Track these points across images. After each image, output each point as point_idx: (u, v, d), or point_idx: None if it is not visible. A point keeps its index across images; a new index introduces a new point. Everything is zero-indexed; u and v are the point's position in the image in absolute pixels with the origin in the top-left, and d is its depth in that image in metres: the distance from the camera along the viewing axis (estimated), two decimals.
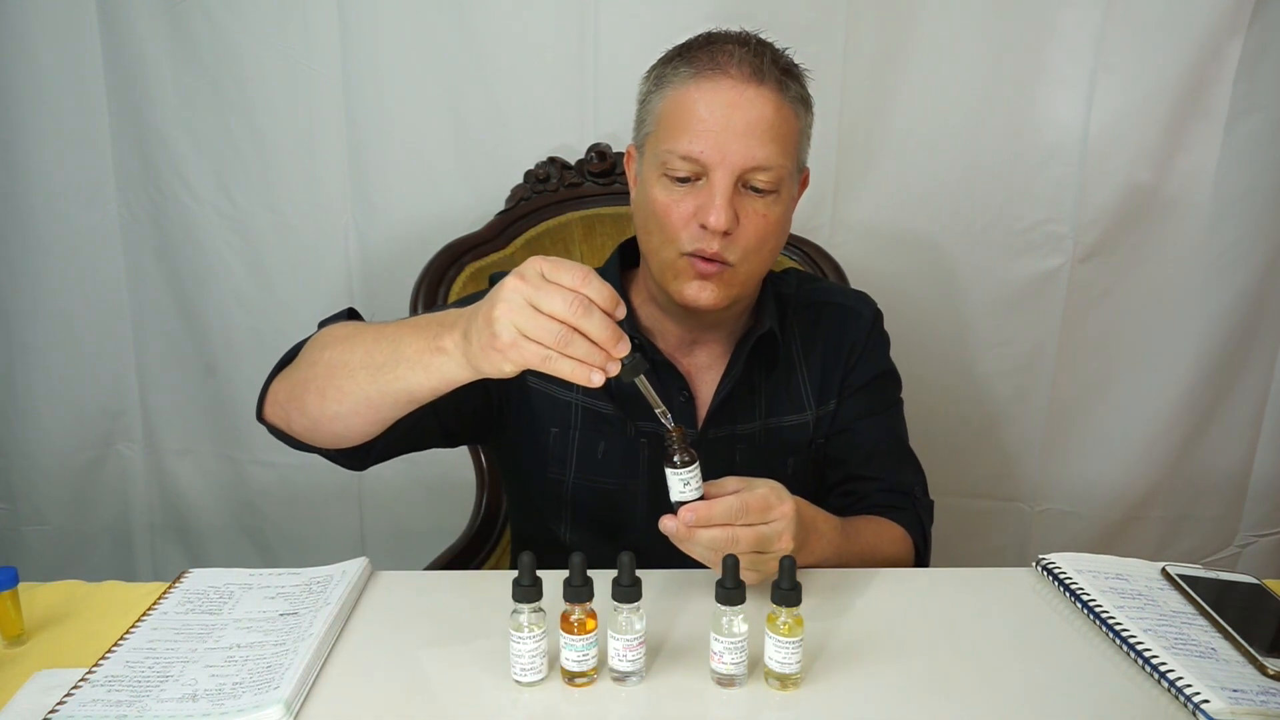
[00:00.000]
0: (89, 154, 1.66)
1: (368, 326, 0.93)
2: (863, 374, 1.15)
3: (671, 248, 0.99)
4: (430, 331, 0.82)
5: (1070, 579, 0.93)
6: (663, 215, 0.99)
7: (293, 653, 0.80)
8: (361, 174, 1.64)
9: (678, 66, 0.99)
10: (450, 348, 0.80)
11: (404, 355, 0.84)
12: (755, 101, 0.96)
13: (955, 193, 1.64)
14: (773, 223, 0.99)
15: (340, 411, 0.89)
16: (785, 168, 0.98)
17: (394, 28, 1.57)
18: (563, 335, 0.74)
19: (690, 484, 0.83)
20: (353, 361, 0.87)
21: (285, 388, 0.95)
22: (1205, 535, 1.81)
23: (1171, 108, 1.58)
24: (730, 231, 0.96)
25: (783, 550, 0.85)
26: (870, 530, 1.06)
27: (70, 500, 1.81)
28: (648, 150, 1.02)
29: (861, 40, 1.57)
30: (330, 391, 0.89)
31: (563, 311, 0.74)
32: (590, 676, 0.78)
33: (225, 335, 1.72)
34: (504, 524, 1.45)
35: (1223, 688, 0.75)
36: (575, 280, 0.75)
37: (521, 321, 0.74)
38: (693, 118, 0.96)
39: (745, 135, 0.95)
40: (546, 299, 0.74)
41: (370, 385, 0.86)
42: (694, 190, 0.98)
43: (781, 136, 0.97)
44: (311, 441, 0.96)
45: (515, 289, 0.75)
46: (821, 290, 1.20)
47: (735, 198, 0.97)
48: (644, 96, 1.04)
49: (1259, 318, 1.69)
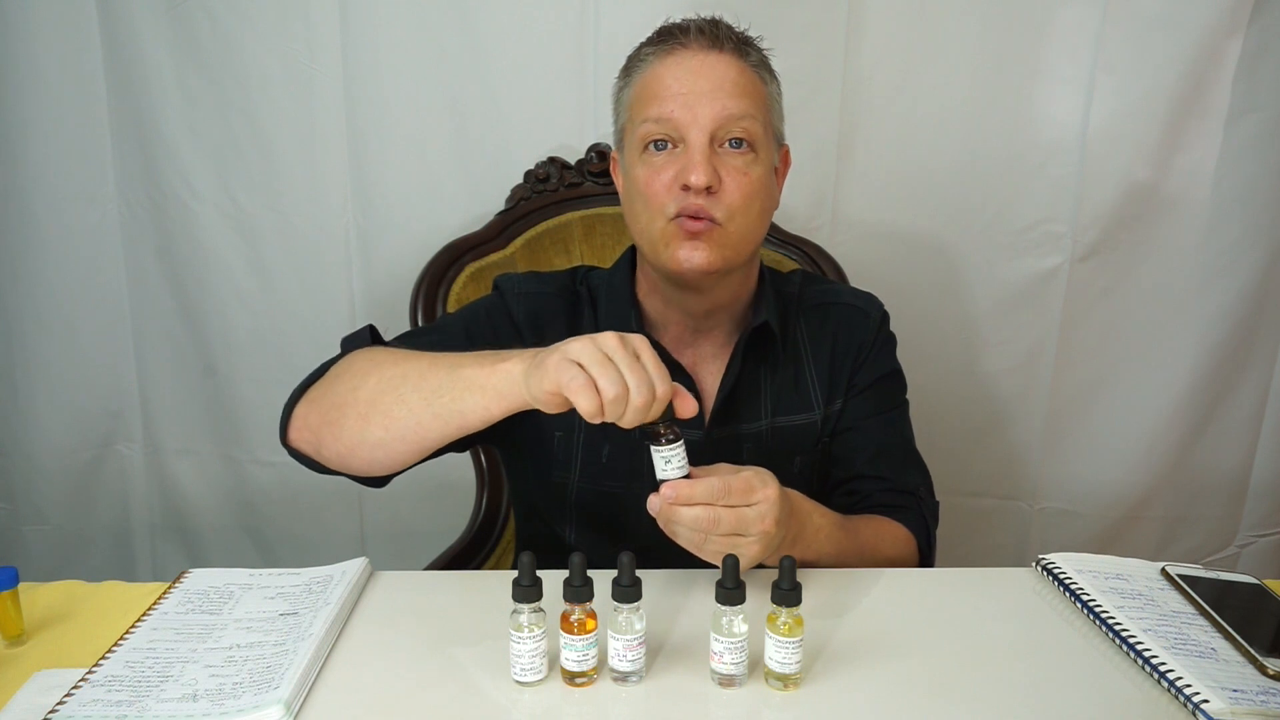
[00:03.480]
0: (89, 154, 1.66)
1: (414, 352, 0.93)
2: (869, 374, 1.15)
3: (659, 216, 1.01)
4: (494, 357, 0.85)
5: (1070, 579, 0.93)
6: (645, 187, 1.01)
7: (293, 653, 0.80)
8: (361, 174, 1.64)
9: (642, 51, 1.04)
10: (514, 370, 0.83)
11: (462, 375, 0.85)
12: (717, 65, 1.00)
13: (955, 192, 1.64)
14: (755, 180, 1.01)
15: (385, 438, 0.89)
16: (757, 121, 1.00)
17: (394, 28, 1.57)
18: (618, 389, 0.77)
19: (672, 461, 0.83)
20: (404, 387, 0.87)
21: (316, 412, 0.94)
22: (1205, 535, 1.81)
23: (1171, 107, 1.58)
24: (714, 188, 0.98)
25: (765, 533, 0.85)
26: (871, 529, 1.06)
27: (70, 500, 1.81)
28: (626, 140, 1.05)
29: (861, 40, 1.57)
30: (375, 416, 0.89)
31: (631, 381, 0.78)
32: (590, 676, 0.78)
33: (225, 335, 1.72)
34: (504, 524, 1.45)
35: (1223, 688, 0.75)
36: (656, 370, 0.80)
37: (589, 358, 0.78)
38: (660, 87, 1.00)
39: (712, 93, 0.99)
40: (623, 362, 0.78)
41: (424, 410, 0.86)
42: (673, 157, 1.00)
43: (748, 93, 1.00)
44: (341, 468, 0.95)
45: (603, 339, 0.79)
46: (829, 291, 1.20)
47: (714, 157, 0.99)
48: (617, 94, 1.08)
49: (1259, 318, 1.69)
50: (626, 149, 1.05)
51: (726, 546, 0.81)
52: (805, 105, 1.57)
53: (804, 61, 1.56)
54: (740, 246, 1.03)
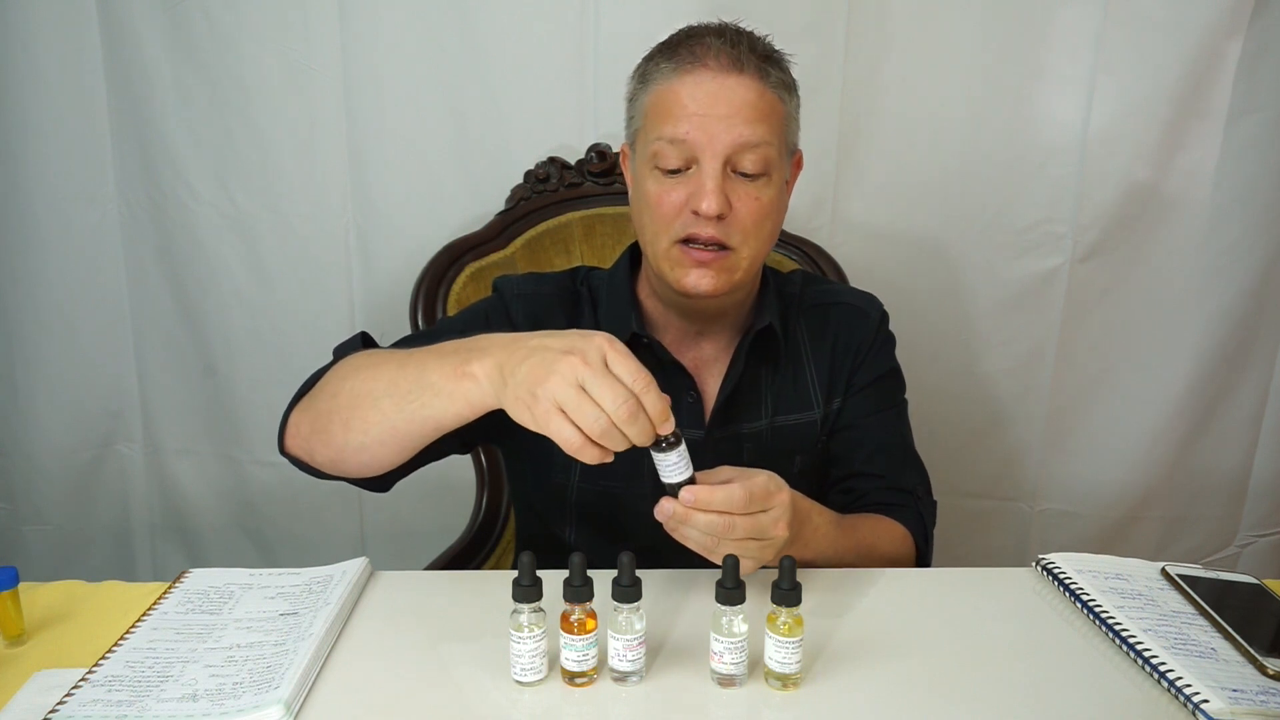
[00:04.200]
0: (89, 154, 1.66)
1: (391, 353, 0.91)
2: (869, 373, 1.15)
3: (665, 237, 1.00)
4: (458, 357, 0.81)
5: (1070, 579, 0.93)
6: (655, 206, 1.00)
7: (293, 653, 0.80)
8: (361, 174, 1.64)
9: (659, 62, 1.01)
10: (481, 375, 0.80)
11: (429, 382, 0.83)
12: (737, 89, 0.97)
13: (955, 192, 1.64)
14: (766, 205, 1.00)
15: (366, 442, 0.88)
16: (772, 146, 0.99)
17: (394, 28, 1.57)
18: (602, 425, 0.74)
19: (677, 465, 0.81)
20: (376, 390, 0.86)
21: (306, 420, 0.94)
22: (1205, 535, 1.81)
23: (1171, 107, 1.58)
24: (724, 216, 0.97)
25: (779, 538, 0.85)
26: (868, 526, 1.06)
27: (70, 500, 1.81)
28: (638, 145, 1.04)
29: (861, 40, 1.57)
30: (355, 422, 0.88)
31: (611, 407, 0.74)
32: (590, 676, 0.78)
33: (225, 335, 1.72)
34: (504, 524, 1.45)
35: (1222, 688, 0.75)
36: (633, 381, 0.75)
37: (567, 400, 0.74)
38: (677, 106, 0.98)
39: (729, 119, 0.96)
40: (599, 389, 0.74)
41: (396, 414, 0.85)
42: (685, 180, 0.99)
43: (766, 118, 0.98)
44: (336, 473, 0.95)
45: (573, 368, 0.74)
46: (829, 291, 1.20)
47: (726, 183, 0.97)
48: (631, 94, 1.05)
49: (1259, 318, 1.69)
50: (638, 153, 1.04)
51: (738, 550, 0.81)
52: (805, 105, 1.54)
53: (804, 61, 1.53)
54: (749, 268, 1.03)
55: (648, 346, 1.08)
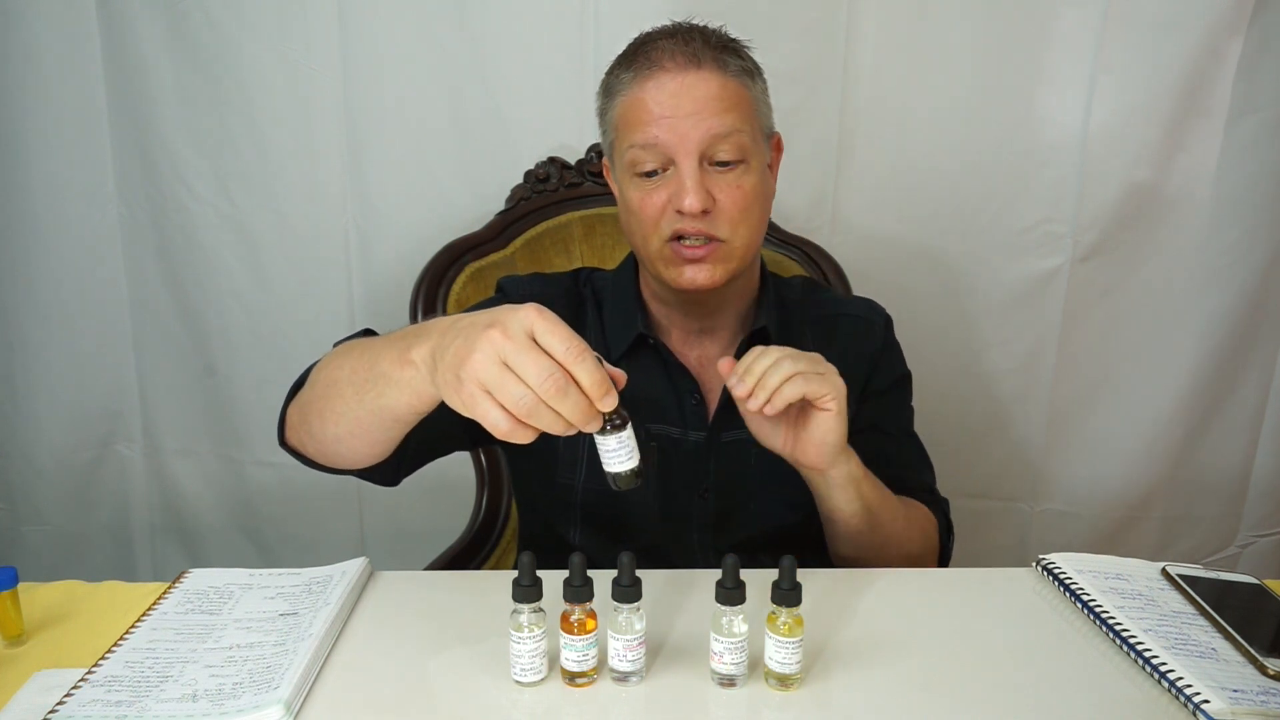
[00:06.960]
0: (89, 154, 1.66)
1: (361, 341, 0.89)
2: (884, 378, 1.16)
3: (655, 238, 1.01)
4: (405, 343, 0.76)
5: (1070, 579, 0.93)
6: (639, 211, 1.01)
7: (293, 653, 0.80)
8: (361, 174, 1.64)
9: (619, 74, 1.02)
10: (419, 362, 0.75)
11: (381, 371, 0.79)
12: (698, 85, 0.97)
13: (955, 192, 1.64)
14: (749, 191, 1.00)
15: (339, 434, 0.87)
16: (744, 133, 0.99)
17: (394, 28, 1.57)
18: (528, 403, 0.67)
19: (619, 452, 0.75)
20: (340, 379, 0.84)
21: (297, 413, 0.94)
22: (1205, 535, 1.81)
23: (1171, 107, 1.58)
24: (709, 210, 0.98)
25: (838, 381, 0.90)
26: (901, 500, 1.06)
27: (70, 500, 1.81)
28: (615, 157, 1.05)
29: (861, 40, 1.57)
30: (328, 414, 0.86)
31: (536, 382, 0.67)
32: (590, 676, 0.78)
33: (225, 335, 1.72)
34: (504, 524, 1.45)
35: (1223, 688, 0.75)
36: (564, 352, 0.68)
37: (489, 378, 0.68)
38: (643, 112, 0.98)
39: (695, 115, 0.97)
40: (523, 363, 0.67)
41: (357, 405, 0.82)
42: (664, 181, 0.99)
43: (733, 107, 0.98)
44: (329, 465, 0.94)
45: (492, 341, 0.68)
46: (831, 302, 1.21)
47: (705, 178, 0.98)
48: (600, 109, 1.06)
49: (1259, 318, 1.69)
50: (616, 164, 1.05)
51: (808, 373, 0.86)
52: (805, 105, 1.58)
53: (804, 61, 1.56)
54: (744, 255, 1.03)
55: (654, 348, 1.08)
